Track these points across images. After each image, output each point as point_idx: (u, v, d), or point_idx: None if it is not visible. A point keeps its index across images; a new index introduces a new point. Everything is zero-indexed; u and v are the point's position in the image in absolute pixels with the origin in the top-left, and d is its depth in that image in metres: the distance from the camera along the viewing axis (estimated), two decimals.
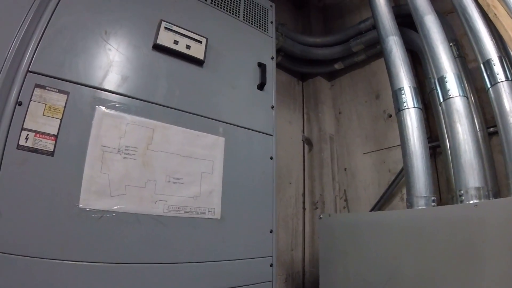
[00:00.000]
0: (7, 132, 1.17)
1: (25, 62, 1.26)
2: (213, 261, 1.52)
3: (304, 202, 3.26)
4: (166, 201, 1.43)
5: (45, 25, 1.33)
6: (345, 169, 3.24)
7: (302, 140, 3.44)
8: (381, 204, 2.75)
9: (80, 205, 1.24)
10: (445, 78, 1.88)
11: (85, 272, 1.21)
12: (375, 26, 2.53)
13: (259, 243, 1.73)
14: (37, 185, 1.19)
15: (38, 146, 1.21)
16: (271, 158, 1.90)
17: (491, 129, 2.18)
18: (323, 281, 2.09)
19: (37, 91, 1.25)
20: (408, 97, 2.04)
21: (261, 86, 1.98)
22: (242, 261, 1.63)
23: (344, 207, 3.15)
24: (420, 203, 1.82)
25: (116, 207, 1.31)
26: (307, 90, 3.67)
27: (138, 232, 1.35)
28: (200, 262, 1.48)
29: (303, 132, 3.49)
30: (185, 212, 1.48)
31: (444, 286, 1.47)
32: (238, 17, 2.06)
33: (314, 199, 3.20)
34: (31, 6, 1.33)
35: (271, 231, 1.78)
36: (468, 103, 1.84)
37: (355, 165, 3.16)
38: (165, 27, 1.64)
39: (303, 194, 3.28)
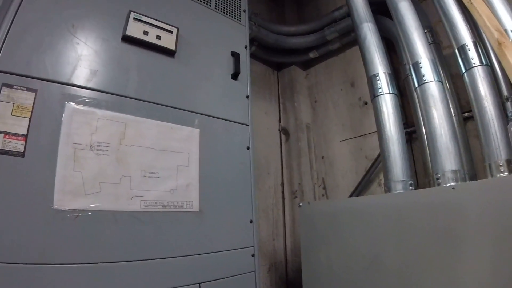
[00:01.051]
0: None
1: None
2: (194, 255, 1.50)
3: (283, 192, 3.26)
4: (142, 196, 1.40)
5: (9, 23, 1.27)
6: (322, 158, 3.25)
7: (279, 130, 3.44)
8: (359, 190, 2.77)
9: (55, 206, 1.20)
10: (420, 63, 1.88)
11: (66, 274, 1.18)
12: (349, 13, 2.53)
13: (240, 234, 1.72)
14: (9, 188, 1.15)
15: (8, 147, 1.16)
16: (248, 148, 1.89)
17: (466, 114, 2.22)
18: (306, 269, 2.09)
19: (4, 91, 1.20)
20: (383, 83, 2.05)
21: (235, 76, 1.95)
22: (224, 253, 1.62)
23: (323, 195, 3.16)
24: (398, 187, 1.83)
25: (91, 205, 1.27)
26: (282, 80, 3.66)
27: (116, 230, 1.32)
28: (181, 256, 1.46)
29: (280, 122, 3.48)
30: (162, 206, 1.45)
31: (424, 268, 1.48)
32: (210, 6, 2.01)
33: (293, 188, 3.20)
34: None
35: (251, 221, 1.78)
36: (443, 88, 1.85)
37: (332, 153, 3.17)
38: (134, 18, 1.59)
39: (282, 184, 3.29)
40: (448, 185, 1.61)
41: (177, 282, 1.43)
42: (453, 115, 2.00)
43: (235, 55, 1.98)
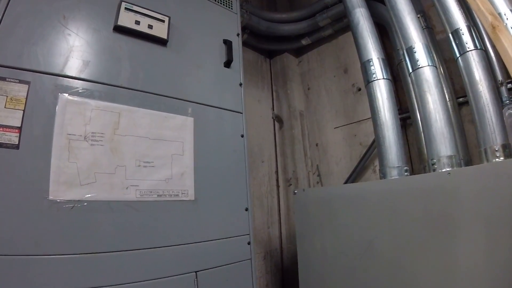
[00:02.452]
0: None
1: None
2: (190, 243, 1.52)
3: (277, 180, 3.27)
4: (137, 186, 1.40)
5: (0, 16, 1.27)
6: (316, 145, 3.25)
7: (272, 118, 3.43)
8: (354, 177, 2.77)
9: (50, 197, 1.21)
10: (414, 48, 1.87)
11: (62, 265, 1.19)
12: None
13: (235, 222, 1.73)
14: (4, 180, 1.15)
15: (2, 140, 1.17)
16: (242, 136, 1.89)
17: (461, 99, 2.21)
18: (301, 256, 2.10)
19: None
20: (377, 69, 2.04)
21: (227, 64, 1.94)
22: (220, 241, 1.63)
23: (318, 182, 3.16)
24: (393, 173, 1.83)
25: (87, 196, 1.28)
26: (274, 68, 3.64)
27: (111, 219, 1.32)
28: (177, 245, 1.47)
29: (273, 110, 3.47)
30: (158, 195, 1.45)
31: (419, 254, 1.49)
32: None
33: (287, 176, 3.21)
34: None
35: (246, 209, 1.78)
36: (437, 73, 1.84)
37: (326, 140, 3.17)
38: (126, 8, 1.57)
39: (276, 172, 3.29)
40: (443, 170, 1.61)
41: (173, 271, 1.44)
42: (447, 100, 1.99)
43: (228, 43, 1.96)
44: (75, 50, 1.41)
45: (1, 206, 1.13)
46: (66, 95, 1.33)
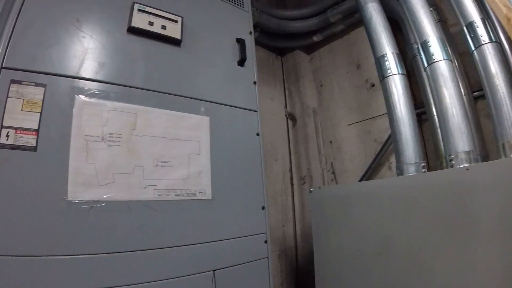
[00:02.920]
0: None
1: None
2: (208, 242, 1.51)
3: (291, 178, 3.26)
4: (155, 185, 1.40)
5: (14, 20, 1.27)
6: (330, 142, 3.23)
7: (285, 116, 3.42)
8: (369, 174, 2.76)
9: (69, 198, 1.21)
10: (428, 42, 1.86)
11: (79, 266, 1.19)
12: None
13: (252, 221, 1.72)
14: (23, 182, 1.16)
15: (20, 142, 1.17)
16: (257, 134, 1.88)
17: (476, 93, 2.18)
18: (317, 254, 2.10)
19: (13, 87, 1.21)
20: (392, 64, 2.02)
21: (241, 62, 1.93)
22: (237, 240, 1.62)
23: (332, 180, 3.15)
24: (410, 170, 1.81)
25: (105, 196, 1.28)
26: (286, 65, 3.63)
27: (129, 219, 1.33)
28: (194, 244, 1.47)
29: (286, 108, 3.47)
30: (175, 195, 1.45)
31: (437, 251, 1.48)
32: None
33: (301, 174, 3.19)
34: None
35: (263, 208, 1.77)
36: (453, 67, 1.82)
37: (340, 137, 3.15)
38: (138, 9, 1.57)
39: (290, 170, 3.28)
40: (461, 166, 1.59)
41: (191, 270, 1.44)
42: (463, 94, 1.97)
43: (241, 42, 1.95)
44: (90, 52, 1.42)
45: (20, 207, 1.14)
46: (83, 96, 1.33)
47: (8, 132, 1.16)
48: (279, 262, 2.89)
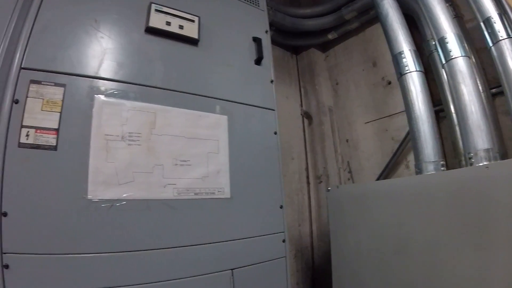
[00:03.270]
0: (6, 131, 1.16)
1: (16, 60, 1.24)
2: (226, 241, 1.52)
3: (308, 177, 3.25)
4: (175, 184, 1.41)
5: (32, 21, 1.30)
6: (347, 141, 3.21)
7: (301, 114, 3.41)
8: (386, 173, 2.73)
9: (89, 197, 1.23)
10: (446, 38, 1.84)
11: (100, 264, 1.21)
12: None
13: (270, 220, 1.72)
14: (43, 181, 1.18)
15: (40, 142, 1.20)
16: (275, 133, 1.87)
17: (494, 90, 2.14)
18: (335, 253, 2.09)
19: (33, 87, 1.23)
20: (409, 61, 2.01)
21: (258, 61, 1.93)
22: (255, 239, 1.62)
23: (349, 179, 3.13)
24: (429, 168, 1.80)
25: (125, 195, 1.29)
26: (301, 63, 3.62)
27: (149, 218, 1.34)
28: (213, 242, 1.48)
29: (301, 106, 3.45)
30: (195, 194, 1.46)
31: (456, 250, 1.46)
32: None
33: (317, 173, 3.18)
34: (16, 4, 1.30)
35: (281, 207, 1.77)
36: (470, 63, 1.80)
37: (356, 136, 3.13)
38: (156, 9, 1.58)
39: (306, 169, 3.27)
40: (481, 164, 1.57)
41: (210, 269, 1.44)
42: (481, 91, 1.95)
43: (257, 40, 1.95)
44: (108, 52, 1.43)
45: (40, 206, 1.16)
46: (102, 96, 1.35)
47: (28, 131, 1.19)
48: (295, 261, 2.89)
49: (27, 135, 1.18)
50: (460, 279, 1.43)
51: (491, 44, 1.76)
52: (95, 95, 1.34)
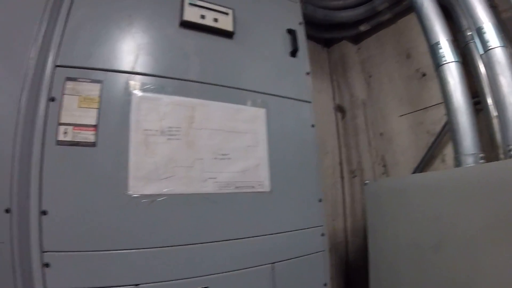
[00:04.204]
0: (43, 130, 1.19)
1: (51, 58, 1.27)
2: (267, 235, 1.52)
3: (342, 171, 3.21)
4: (215, 178, 1.42)
5: (64, 19, 1.32)
6: (381, 134, 3.15)
7: (334, 108, 3.37)
8: (422, 167, 2.67)
9: (129, 192, 1.25)
10: (483, 28, 1.79)
11: (140, 260, 1.23)
12: None
13: (309, 213, 1.71)
14: (83, 178, 1.20)
15: (79, 138, 1.22)
16: (313, 126, 1.86)
17: None
18: (373, 248, 2.06)
19: (69, 84, 1.25)
20: (447, 51, 1.96)
21: (293, 53, 1.91)
22: (294, 233, 1.62)
23: (383, 173, 3.08)
24: (468, 161, 1.76)
25: (165, 190, 1.30)
26: (333, 56, 3.57)
27: (190, 213, 1.35)
28: (254, 236, 1.48)
29: (334, 100, 3.42)
30: (235, 187, 1.46)
31: (498, 245, 1.41)
32: None
33: (351, 167, 3.14)
34: (46, 3, 1.33)
35: (320, 200, 1.75)
36: (509, 54, 1.75)
37: (391, 129, 3.06)
38: (190, 3, 1.58)
39: (340, 163, 3.23)
40: None
41: (251, 263, 1.45)
42: None
43: (292, 32, 1.93)
44: (143, 48, 1.44)
45: (80, 203, 1.18)
46: (139, 91, 1.36)
47: (66, 129, 1.21)
48: (329, 256, 2.85)
49: (65, 133, 1.20)
50: (501, 275, 1.39)
51: None
52: (132, 90, 1.35)
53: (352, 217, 3.03)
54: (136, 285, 1.21)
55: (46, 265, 1.12)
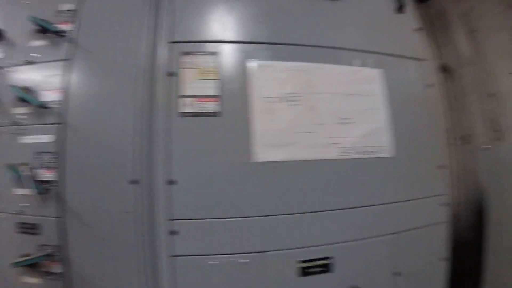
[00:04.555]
0: (167, 103, 1.25)
1: (164, 35, 1.33)
2: (388, 203, 1.43)
3: (453, 138, 3.02)
4: (338, 143, 1.36)
5: None
6: (492, 95, 2.92)
7: (437, 68, 3.17)
8: None
9: (254, 160, 1.26)
10: None
11: (265, 227, 1.25)
12: None
13: (431, 181, 1.58)
14: (208, 147, 1.24)
15: (202, 109, 1.25)
16: (432, 85, 1.74)
17: None
18: (492, 218, 1.89)
19: (185, 58, 1.29)
20: None
21: (400, 9, 1.75)
22: (417, 201, 1.51)
23: (499, 138, 2.85)
24: None
25: (289, 156, 1.30)
26: (429, 13, 3.34)
27: (313, 179, 1.33)
28: (376, 205, 1.41)
29: (437, 59, 3.21)
30: (357, 153, 1.39)
31: None
32: None
33: (461, 132, 2.95)
34: None
35: (442, 166, 1.63)
36: None
37: (503, 89, 2.82)
38: None
39: (449, 129, 3.04)
40: None
41: (372, 232, 1.40)
42: None
43: None
44: (254, 16, 1.42)
45: (207, 172, 1.23)
46: (255, 60, 1.36)
47: (188, 101, 1.25)
48: None
49: (188, 105, 1.24)
50: None
51: None
52: (248, 59, 1.35)
53: (464, 189, 2.84)
54: (262, 252, 1.23)
55: (175, 232, 1.18)
